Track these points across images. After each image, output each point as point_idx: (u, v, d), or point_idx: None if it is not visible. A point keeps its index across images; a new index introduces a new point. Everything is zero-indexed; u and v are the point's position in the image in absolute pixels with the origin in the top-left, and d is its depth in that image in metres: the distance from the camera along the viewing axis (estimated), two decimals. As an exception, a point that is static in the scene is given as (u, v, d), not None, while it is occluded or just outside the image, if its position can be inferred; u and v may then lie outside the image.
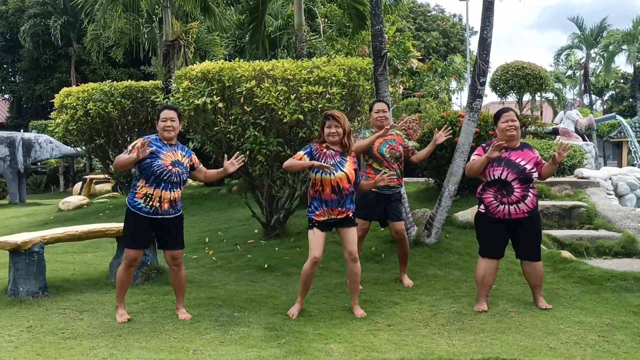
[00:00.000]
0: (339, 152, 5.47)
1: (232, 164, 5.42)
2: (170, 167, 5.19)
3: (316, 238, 5.45)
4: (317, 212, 5.43)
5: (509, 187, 5.47)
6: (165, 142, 5.30)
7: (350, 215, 5.52)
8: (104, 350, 4.50)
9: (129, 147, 5.20)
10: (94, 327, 5.07)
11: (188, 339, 4.82)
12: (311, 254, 5.44)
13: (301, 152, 5.51)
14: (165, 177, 5.16)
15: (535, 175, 5.52)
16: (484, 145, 5.77)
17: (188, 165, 5.37)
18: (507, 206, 5.50)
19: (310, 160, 5.41)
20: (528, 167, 5.49)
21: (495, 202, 5.55)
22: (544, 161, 5.65)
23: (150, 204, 5.17)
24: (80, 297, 5.92)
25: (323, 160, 5.38)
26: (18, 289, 5.82)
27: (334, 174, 5.35)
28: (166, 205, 5.21)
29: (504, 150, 5.49)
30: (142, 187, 5.20)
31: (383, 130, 6.10)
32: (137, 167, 5.22)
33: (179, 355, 4.43)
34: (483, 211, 5.70)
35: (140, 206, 5.19)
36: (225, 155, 5.55)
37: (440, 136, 6.56)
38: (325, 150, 5.46)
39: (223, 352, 4.51)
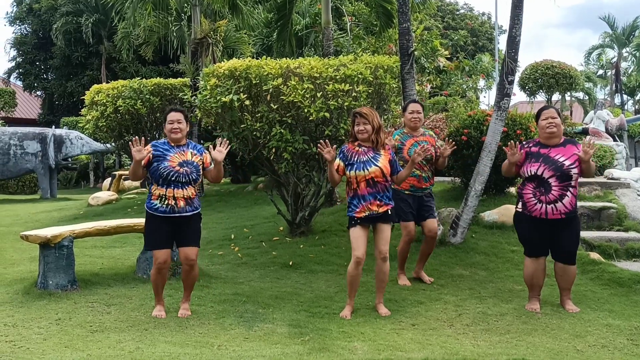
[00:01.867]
0: (371, 147, 5.46)
1: (219, 151, 5.29)
2: (177, 168, 5.20)
3: (357, 237, 5.42)
4: (357, 210, 5.41)
5: (547, 185, 5.39)
6: (173, 144, 5.32)
7: (389, 210, 5.46)
8: (130, 344, 4.54)
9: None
10: (121, 321, 5.12)
11: (213, 334, 4.85)
12: (354, 254, 5.42)
13: (337, 160, 5.50)
14: (173, 178, 5.18)
15: (575, 171, 5.39)
16: (523, 143, 5.75)
17: (200, 163, 5.35)
18: (544, 205, 5.41)
19: (343, 161, 5.45)
20: (567, 162, 5.37)
21: (533, 199, 5.47)
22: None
23: (166, 202, 5.20)
24: (108, 291, 5.98)
25: (356, 158, 5.39)
26: (48, 282, 5.90)
27: (368, 168, 5.35)
28: (182, 203, 5.22)
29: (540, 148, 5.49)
30: (155, 190, 5.26)
31: (412, 161, 5.72)
32: (147, 172, 5.28)
33: (203, 350, 4.45)
34: (520, 210, 5.62)
35: (157, 207, 5.23)
36: (210, 145, 5.50)
37: (445, 150, 6.51)
38: (357, 148, 5.46)
39: (247, 348, 4.53)
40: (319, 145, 5.44)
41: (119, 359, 4.17)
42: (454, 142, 6.65)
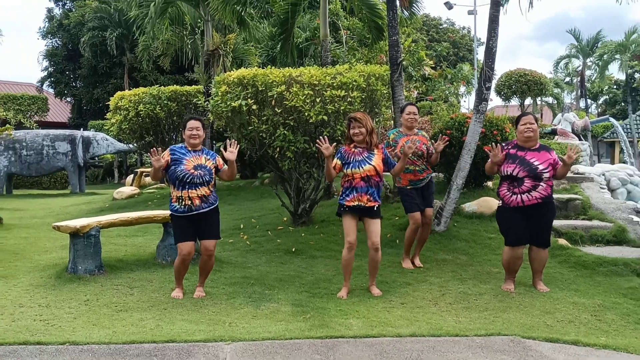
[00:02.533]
0: (366, 148, 5.44)
1: (230, 152, 5.27)
2: (192, 171, 5.18)
3: (349, 224, 5.42)
4: (347, 198, 5.40)
5: (520, 181, 5.40)
6: (190, 149, 5.31)
7: (376, 207, 5.44)
8: (151, 322, 4.55)
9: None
10: (143, 302, 5.12)
11: (224, 313, 4.85)
12: (346, 240, 5.43)
13: (335, 159, 5.50)
14: (188, 180, 5.16)
15: (547, 175, 5.41)
16: (503, 145, 5.74)
17: (212, 167, 5.33)
18: (519, 195, 5.42)
19: (341, 161, 5.44)
20: (541, 167, 5.39)
21: (508, 192, 5.50)
22: (560, 162, 5.51)
23: (183, 203, 5.19)
24: (131, 275, 5.98)
25: (352, 158, 5.39)
26: (77, 267, 5.90)
27: (363, 166, 5.34)
28: (197, 201, 5.20)
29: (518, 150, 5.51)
30: (173, 192, 5.26)
31: (405, 155, 5.75)
32: (166, 174, 5.27)
33: (216, 327, 4.45)
34: (501, 204, 5.65)
35: (176, 208, 5.24)
36: (222, 149, 5.49)
37: (439, 145, 6.50)
38: (353, 149, 5.45)
39: (255, 325, 4.53)
40: (317, 141, 5.43)
41: (141, 335, 4.17)
42: (446, 138, 6.66)
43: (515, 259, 5.61)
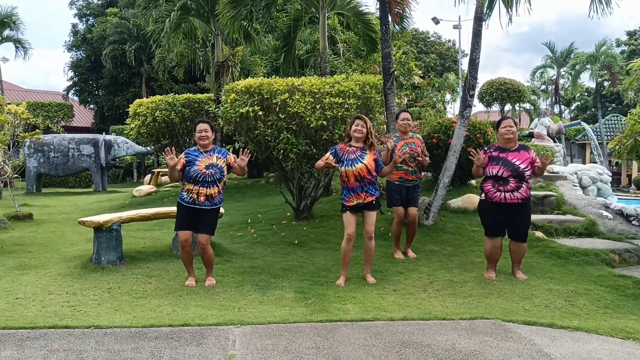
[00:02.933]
0: (360, 147, 5.44)
1: (242, 159, 5.32)
2: (204, 170, 5.19)
3: (349, 219, 5.44)
4: (347, 199, 5.42)
5: (506, 180, 5.40)
6: (202, 150, 5.30)
7: (374, 201, 5.44)
8: (167, 308, 4.55)
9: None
10: (160, 289, 5.13)
11: (234, 299, 4.86)
12: (346, 232, 5.44)
13: (328, 153, 5.53)
14: (200, 179, 5.18)
15: (528, 173, 5.42)
16: (486, 148, 5.73)
17: (224, 165, 5.31)
18: (503, 193, 5.43)
19: (334, 157, 5.45)
20: (522, 166, 5.40)
21: (493, 189, 5.49)
22: (538, 160, 5.50)
23: (190, 195, 5.21)
24: (149, 265, 5.99)
25: (346, 157, 5.39)
26: (100, 258, 5.91)
27: (356, 165, 5.34)
28: (202, 198, 5.20)
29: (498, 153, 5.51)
30: (186, 185, 5.29)
31: (394, 162, 5.72)
32: (182, 175, 5.28)
33: (226, 312, 4.46)
34: (483, 198, 5.64)
35: (183, 197, 5.26)
36: (235, 155, 5.50)
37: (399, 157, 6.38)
38: (347, 148, 5.45)
39: (262, 310, 4.53)
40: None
41: (159, 319, 4.17)
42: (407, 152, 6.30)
43: (495, 249, 5.62)
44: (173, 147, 5.35)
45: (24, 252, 6.77)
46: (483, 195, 5.65)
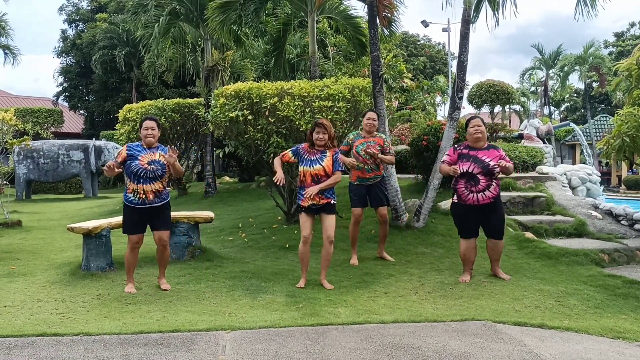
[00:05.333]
0: (320, 150, 5.38)
1: (170, 155, 5.17)
2: (146, 166, 5.10)
3: (304, 221, 5.40)
4: (302, 199, 5.36)
5: (476, 179, 5.43)
6: (146, 147, 5.22)
7: (331, 203, 5.38)
8: (157, 314, 4.52)
9: (115, 155, 5.22)
10: (150, 295, 5.09)
11: (225, 304, 4.83)
12: (302, 234, 5.39)
13: (288, 151, 5.49)
14: (142, 174, 5.10)
15: (497, 170, 5.44)
16: (455, 146, 5.72)
17: (166, 162, 5.19)
18: (475, 194, 5.46)
19: (294, 155, 5.40)
20: (492, 163, 5.43)
21: (466, 191, 5.50)
22: (507, 158, 5.55)
23: (138, 196, 5.13)
24: (139, 271, 5.92)
25: (306, 157, 5.34)
26: (90, 264, 5.86)
27: (314, 166, 5.30)
28: (151, 196, 5.14)
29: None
30: (129, 185, 5.18)
31: (351, 163, 6.07)
32: (123, 168, 5.18)
33: (217, 317, 4.43)
34: (456, 201, 5.64)
35: (131, 199, 5.17)
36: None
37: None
38: (309, 149, 5.39)
39: (253, 314, 4.51)
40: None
41: (149, 326, 4.13)
42: (378, 148, 6.34)
43: (469, 250, 5.65)
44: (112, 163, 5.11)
45: (13, 260, 6.70)
46: (455, 197, 5.63)
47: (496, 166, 5.43)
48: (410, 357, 3.51)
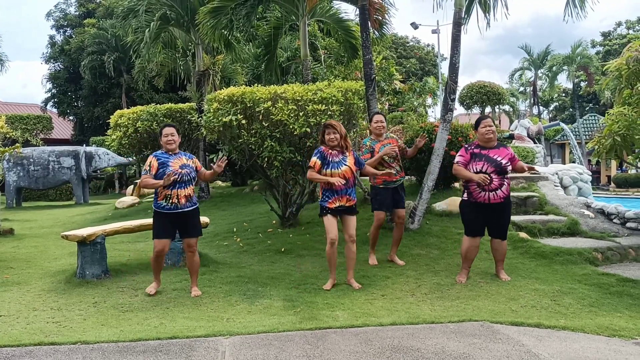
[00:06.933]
0: (339, 151, 5.46)
1: (218, 165, 5.29)
2: (180, 170, 5.18)
3: (331, 222, 5.42)
4: (329, 201, 5.41)
5: (489, 177, 5.45)
6: (170, 153, 5.29)
7: (354, 205, 5.48)
8: (155, 320, 4.50)
9: (147, 168, 5.21)
10: (146, 302, 5.07)
11: (222, 310, 4.82)
12: (328, 236, 5.42)
13: (314, 158, 5.46)
14: (178, 179, 5.15)
15: (510, 168, 5.52)
16: (466, 146, 5.75)
17: (194, 166, 5.33)
18: (487, 193, 5.48)
19: (321, 160, 5.42)
20: (504, 161, 5.48)
21: (478, 189, 5.52)
22: (517, 157, 5.63)
23: (170, 201, 5.17)
24: (135, 278, 5.92)
25: (331, 158, 5.41)
26: (85, 272, 5.83)
27: (341, 167, 5.37)
28: (183, 200, 5.19)
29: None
30: (161, 192, 5.20)
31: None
32: (154, 176, 5.20)
33: (215, 322, 4.42)
34: (466, 198, 5.66)
35: (162, 205, 5.20)
36: (213, 162, 5.53)
37: (420, 142, 6.59)
38: (330, 151, 5.45)
39: (250, 319, 4.51)
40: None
41: (146, 333, 4.12)
42: (425, 136, 6.68)
43: (472, 248, 5.68)
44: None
45: (6, 269, 6.65)
46: (466, 195, 5.68)
47: (508, 165, 5.48)
48: (409, 359, 3.53)
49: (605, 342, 3.89)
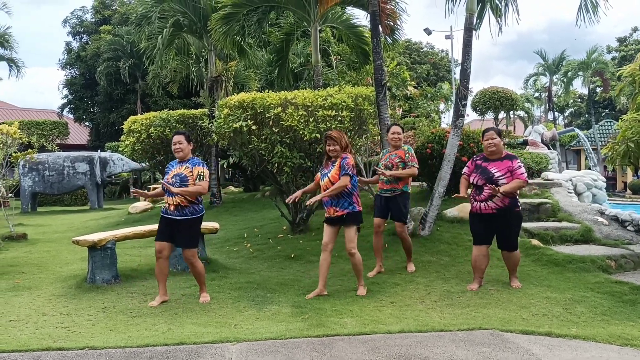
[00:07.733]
0: (331, 162, 5.42)
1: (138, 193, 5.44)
2: (169, 179, 5.22)
3: (324, 230, 5.50)
4: (325, 210, 5.50)
5: (481, 189, 5.46)
6: (179, 162, 5.32)
7: (345, 215, 5.33)
8: (163, 326, 4.51)
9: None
10: (155, 307, 5.08)
11: (230, 316, 4.82)
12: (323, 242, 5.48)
13: (319, 174, 5.63)
14: (165, 188, 5.25)
15: (504, 181, 5.39)
16: (474, 157, 5.74)
17: (188, 174, 5.18)
18: (478, 203, 5.52)
19: (320, 172, 5.57)
20: (497, 174, 5.42)
21: (472, 199, 5.60)
22: (521, 170, 5.41)
23: (165, 205, 5.30)
24: (144, 284, 5.94)
25: (322, 172, 5.50)
26: (95, 277, 5.87)
27: (323, 180, 5.42)
28: (172, 208, 5.21)
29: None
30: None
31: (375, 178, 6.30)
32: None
33: (223, 329, 4.41)
34: (470, 209, 5.71)
35: (163, 208, 5.36)
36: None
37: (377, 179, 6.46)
38: (326, 162, 5.50)
39: (258, 326, 4.49)
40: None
41: (155, 338, 4.13)
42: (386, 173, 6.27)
43: (479, 257, 5.61)
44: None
45: (18, 273, 6.71)
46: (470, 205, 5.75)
47: (502, 178, 5.40)
48: (417, 367, 3.49)
49: (617, 351, 3.81)
